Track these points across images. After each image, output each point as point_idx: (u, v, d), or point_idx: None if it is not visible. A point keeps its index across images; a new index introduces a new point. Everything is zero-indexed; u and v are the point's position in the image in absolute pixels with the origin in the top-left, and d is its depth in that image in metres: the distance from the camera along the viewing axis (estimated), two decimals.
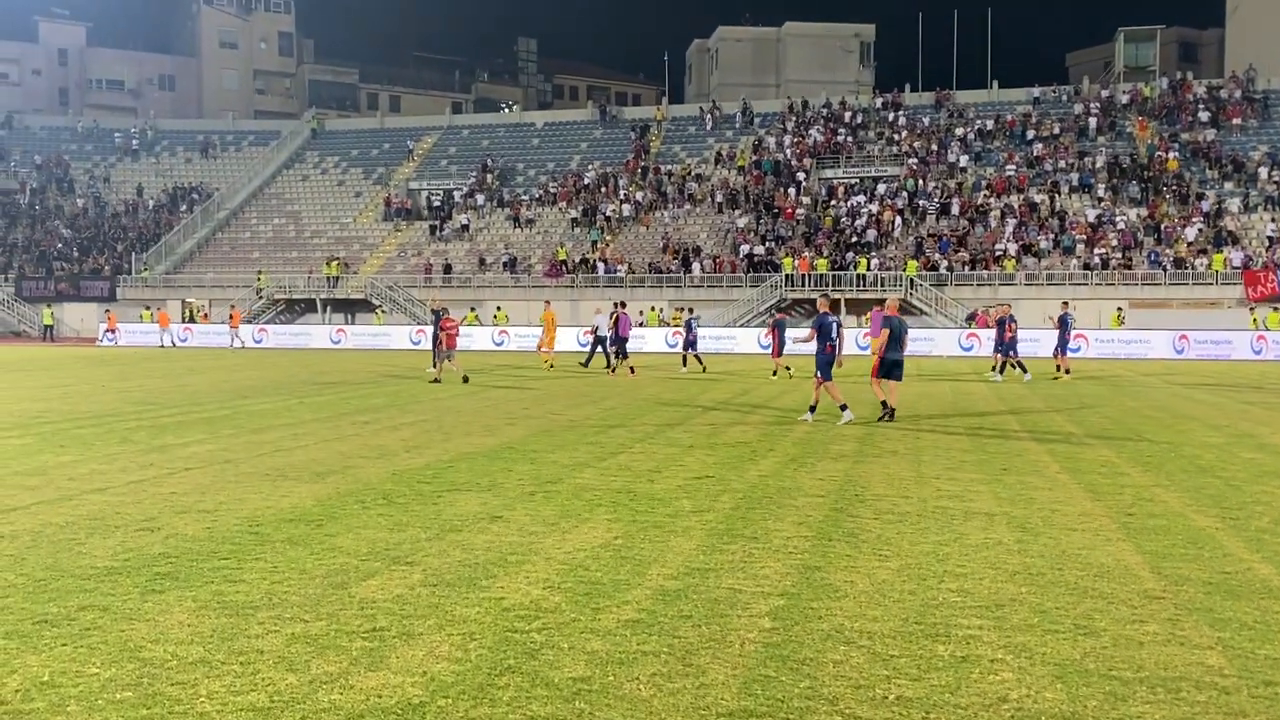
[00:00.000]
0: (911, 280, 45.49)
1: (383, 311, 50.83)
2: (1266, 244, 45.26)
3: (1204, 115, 54.17)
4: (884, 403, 15.81)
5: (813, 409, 15.74)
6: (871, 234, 50.12)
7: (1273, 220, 46.31)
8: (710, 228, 54.02)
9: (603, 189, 58.11)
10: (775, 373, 25.78)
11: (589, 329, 32.92)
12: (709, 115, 63.51)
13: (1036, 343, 39.68)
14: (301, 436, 13.45)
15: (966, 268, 46.96)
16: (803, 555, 6.99)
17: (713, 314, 47.09)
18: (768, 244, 50.77)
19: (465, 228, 57.52)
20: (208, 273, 57.67)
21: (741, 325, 45.44)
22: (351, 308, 52.69)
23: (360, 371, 28.10)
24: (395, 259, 56.47)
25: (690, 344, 28.93)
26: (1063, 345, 26.67)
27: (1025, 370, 25.46)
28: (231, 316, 45.87)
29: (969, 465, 11.16)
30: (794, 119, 60.77)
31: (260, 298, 52.97)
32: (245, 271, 56.45)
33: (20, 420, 15.13)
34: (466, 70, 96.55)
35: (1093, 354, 38.28)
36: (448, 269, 53.60)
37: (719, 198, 55.25)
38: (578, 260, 52.17)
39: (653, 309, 47.68)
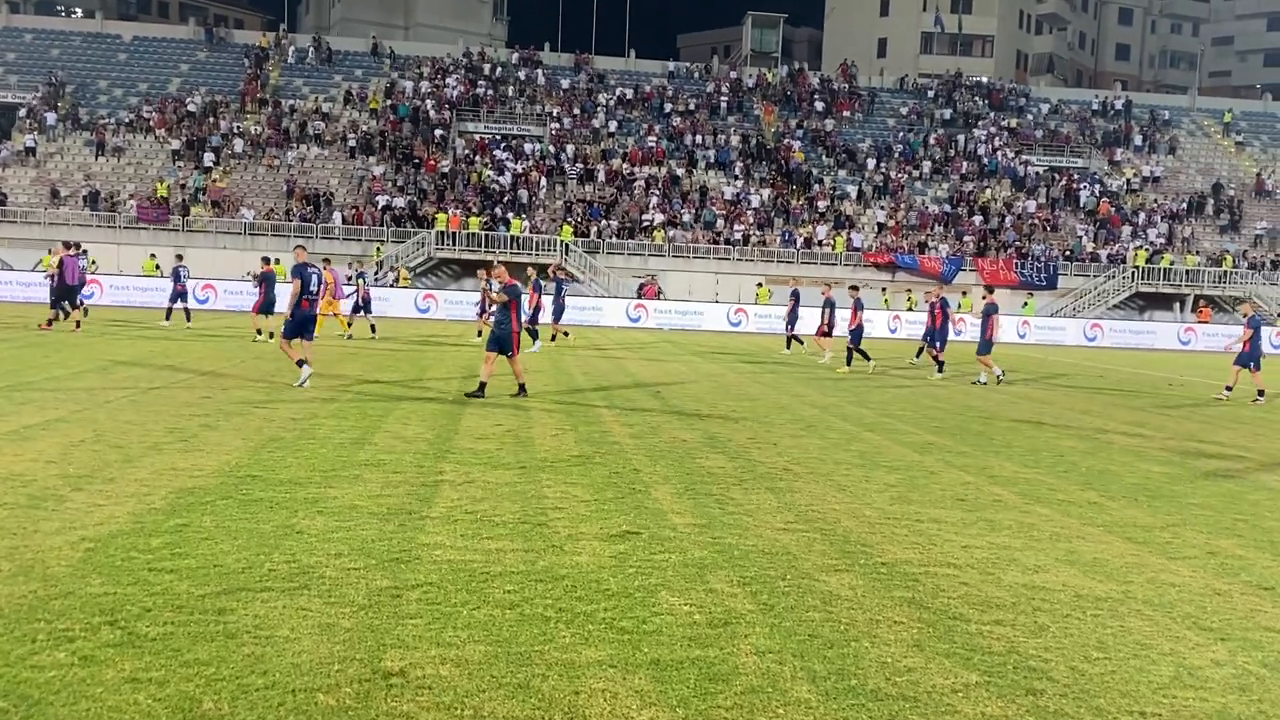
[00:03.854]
0: (567, 246, 43.83)
1: None
2: (877, 229, 49.08)
3: (819, 105, 57.86)
4: (483, 385, 14.41)
5: (301, 364, 14.57)
6: (521, 194, 47.85)
7: (882, 208, 50.34)
8: (341, 174, 48.79)
9: (210, 119, 50.44)
10: (260, 331, 23.14)
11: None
12: (333, 49, 57.52)
13: (698, 315, 39.89)
14: None
15: (614, 236, 46.25)
16: None
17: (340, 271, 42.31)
18: (409, 197, 46.72)
19: (31, 151, 47.30)
20: None
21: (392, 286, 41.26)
22: None
23: None
24: None
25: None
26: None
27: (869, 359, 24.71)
28: None
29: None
30: (430, 64, 56.71)
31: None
32: None
33: None
34: None
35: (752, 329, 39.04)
36: (1, 199, 43.68)
37: (351, 142, 50.07)
38: (184, 199, 44.73)
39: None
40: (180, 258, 29.61)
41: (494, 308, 14.62)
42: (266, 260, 23.00)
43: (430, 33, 66.74)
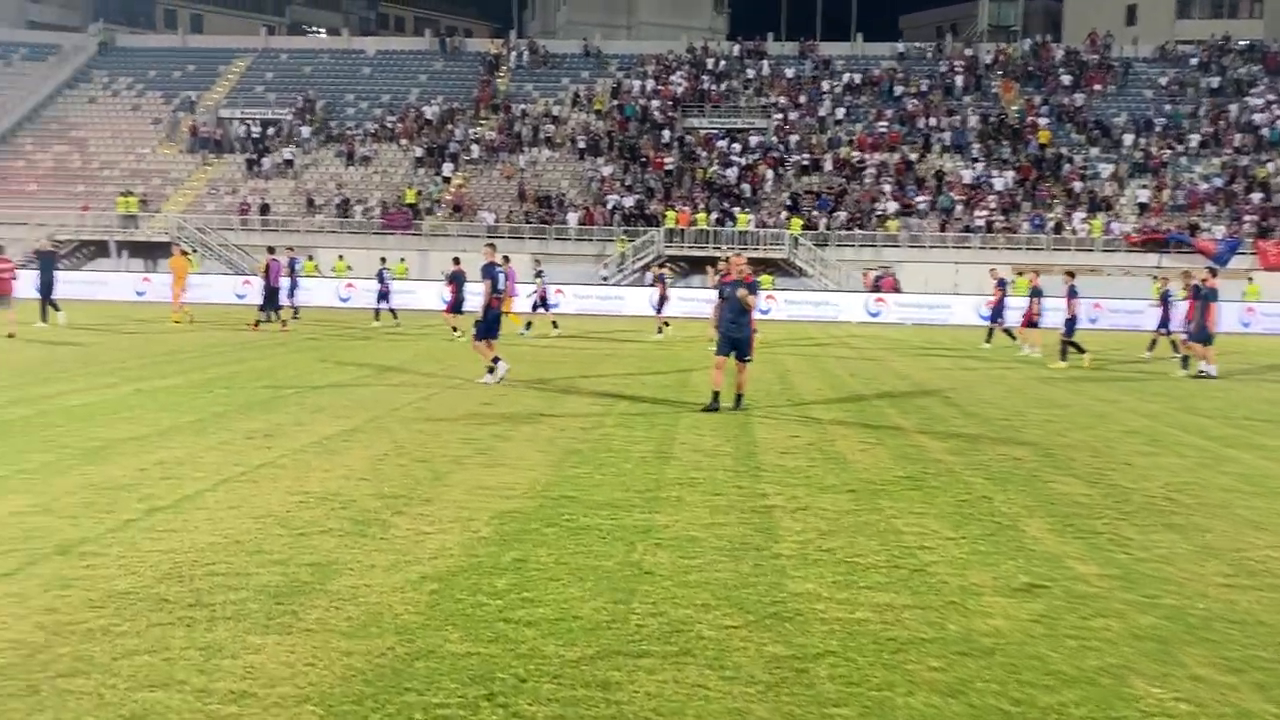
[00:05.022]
0: (796, 239, 42.46)
1: (192, 256, 43.50)
2: (1138, 211, 44.89)
3: (1066, 79, 53.69)
4: (717, 394, 12.62)
5: (490, 370, 14.65)
6: (746, 188, 46.83)
7: (1143, 187, 46.03)
8: (572, 175, 49.32)
9: (448, 126, 52.21)
10: (456, 328, 22.83)
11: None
12: (559, 52, 58.40)
13: (944, 309, 37.69)
14: (195, 464, 8.38)
15: (842, 229, 44.42)
16: None
17: (577, 270, 42.70)
18: (637, 195, 46.62)
19: (289, 163, 50.41)
20: None
21: (625, 285, 41.27)
22: (153, 252, 44.91)
23: (200, 338, 22.21)
24: (205, 197, 48.81)
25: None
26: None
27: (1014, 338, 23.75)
28: None
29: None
30: (655, 63, 56.56)
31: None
32: (20, 206, 47.42)
33: None
34: None
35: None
36: (264, 209, 46.62)
37: (580, 143, 50.53)
38: (426, 206, 46.43)
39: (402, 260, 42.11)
40: (383, 260, 30.64)
41: (724, 307, 12.47)
42: (457, 260, 23.37)
43: (652, 30, 66.77)
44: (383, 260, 30.69)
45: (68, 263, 44.59)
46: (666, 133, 50.75)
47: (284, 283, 26.33)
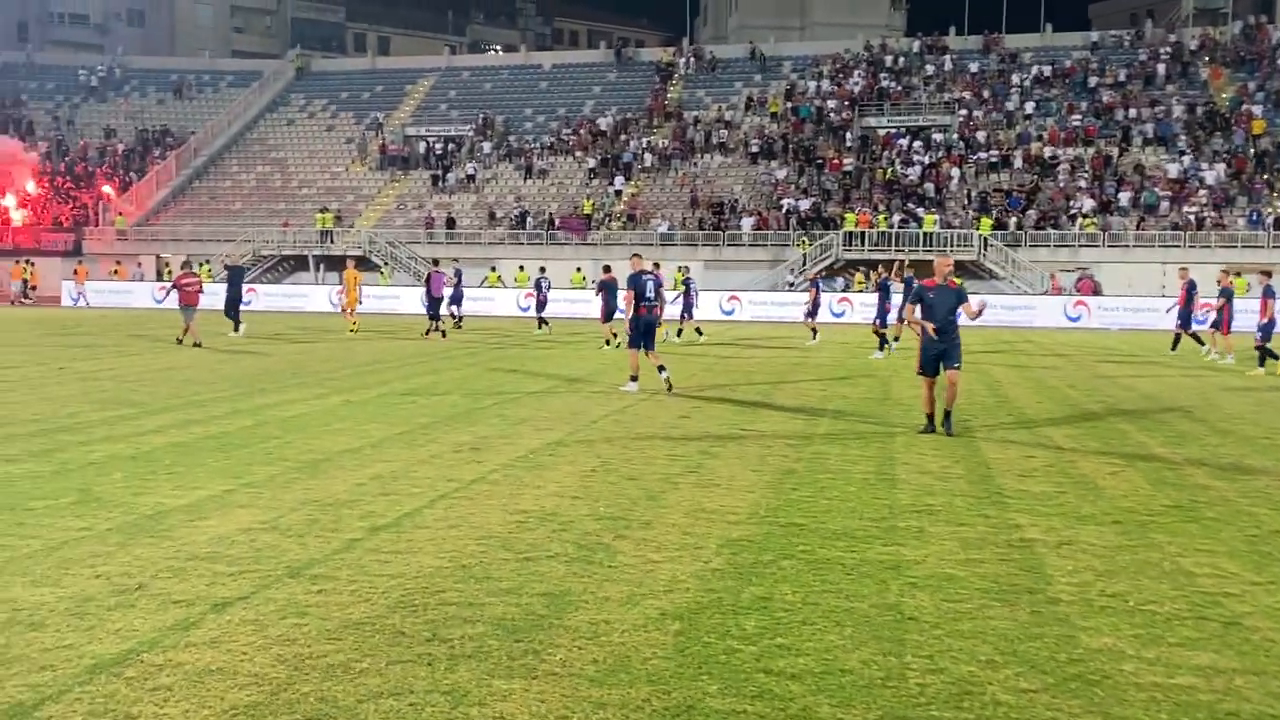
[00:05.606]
0: (985, 239, 40.47)
1: (387, 270, 45.34)
2: None
3: None
4: (931, 416, 11.34)
5: (634, 378, 14.67)
6: (929, 188, 45.05)
7: None
8: (745, 180, 48.73)
9: (621, 136, 52.55)
10: (608, 342, 22.97)
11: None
12: (730, 57, 57.91)
13: (1152, 314, 35.01)
14: (410, 478, 8.29)
15: (1034, 228, 42.03)
16: None
17: (751, 277, 42.07)
18: (813, 198, 45.58)
19: (471, 178, 51.87)
20: (184, 224, 51.78)
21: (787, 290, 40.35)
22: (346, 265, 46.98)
23: (381, 345, 22.83)
24: (394, 212, 50.81)
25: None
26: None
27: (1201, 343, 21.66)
28: (76, 272, 44.27)
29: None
30: (831, 62, 55.30)
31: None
32: (226, 223, 50.66)
33: None
34: (460, 12, 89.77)
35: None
36: (450, 223, 48.03)
37: (753, 147, 49.88)
38: (603, 215, 46.80)
39: (578, 270, 42.38)
40: (543, 270, 30.94)
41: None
42: (607, 269, 23.80)
43: (827, 30, 65.45)
44: (541, 270, 31.07)
45: (270, 276, 47.35)
46: (846, 134, 49.47)
47: (446, 293, 27.28)
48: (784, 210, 44.92)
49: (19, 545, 6.34)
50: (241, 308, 25.50)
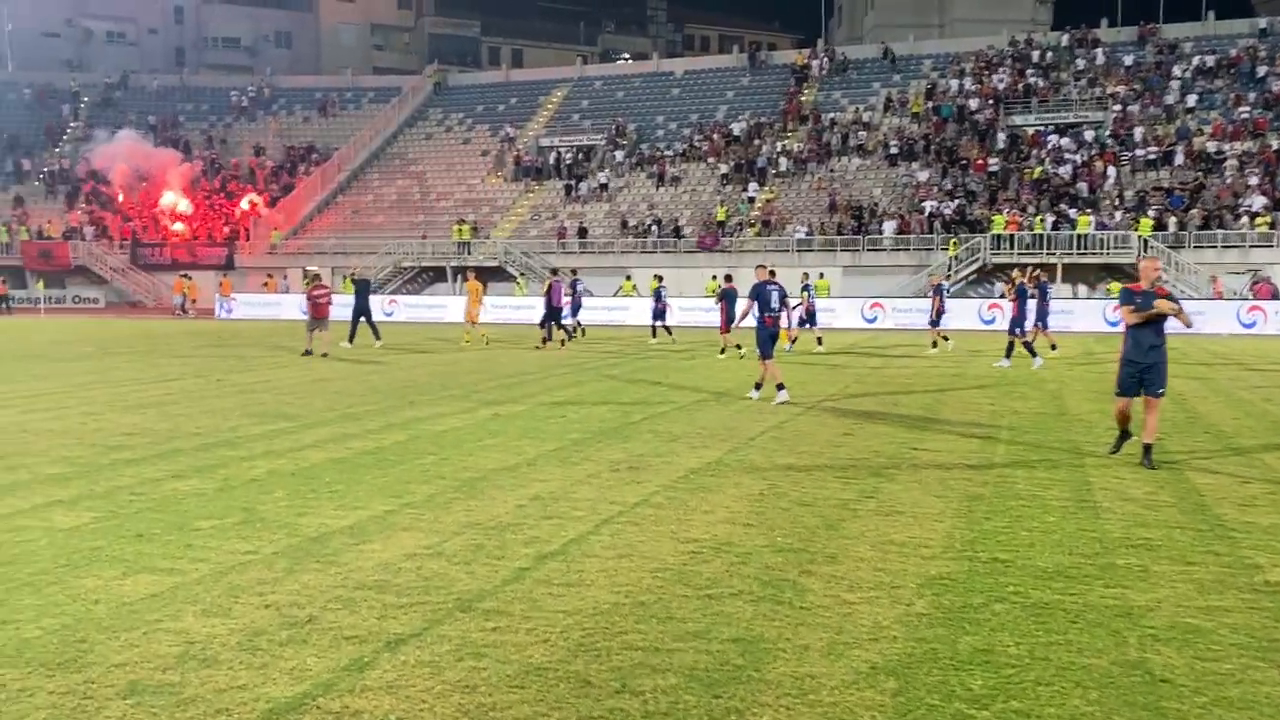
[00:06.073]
0: (1145, 241, 38.16)
1: (523, 280, 45.77)
2: None
3: None
4: (1126, 432, 10.06)
5: (758, 386, 14.83)
6: (1082, 187, 42.83)
7: None
8: (884, 182, 47.36)
9: (755, 141, 51.84)
10: (724, 350, 22.78)
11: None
12: (866, 57, 56.48)
13: None
14: (570, 499, 7.95)
15: (1200, 228, 39.40)
16: None
17: (894, 283, 40.79)
18: (958, 200, 43.91)
19: (604, 187, 52.00)
20: (329, 238, 53.58)
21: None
22: (483, 276, 47.65)
23: (528, 358, 22.80)
24: (529, 222, 51.38)
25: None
26: None
27: None
28: (221, 285, 46.65)
29: None
30: (974, 59, 53.32)
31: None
32: (368, 236, 52.16)
33: (90, 453, 10.06)
34: (592, 22, 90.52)
35: None
36: (582, 232, 48.20)
37: (892, 149, 48.45)
38: (736, 222, 46.21)
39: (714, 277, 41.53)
40: (660, 279, 30.83)
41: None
42: (729, 277, 23.45)
43: (968, 26, 63.33)
44: (659, 278, 30.98)
45: (410, 288, 48.46)
46: (991, 133, 47.57)
47: (566, 302, 27.45)
48: (926, 213, 43.43)
49: (188, 569, 6.22)
50: (364, 319, 25.51)
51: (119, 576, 6.05)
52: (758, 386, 14.88)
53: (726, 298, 22.62)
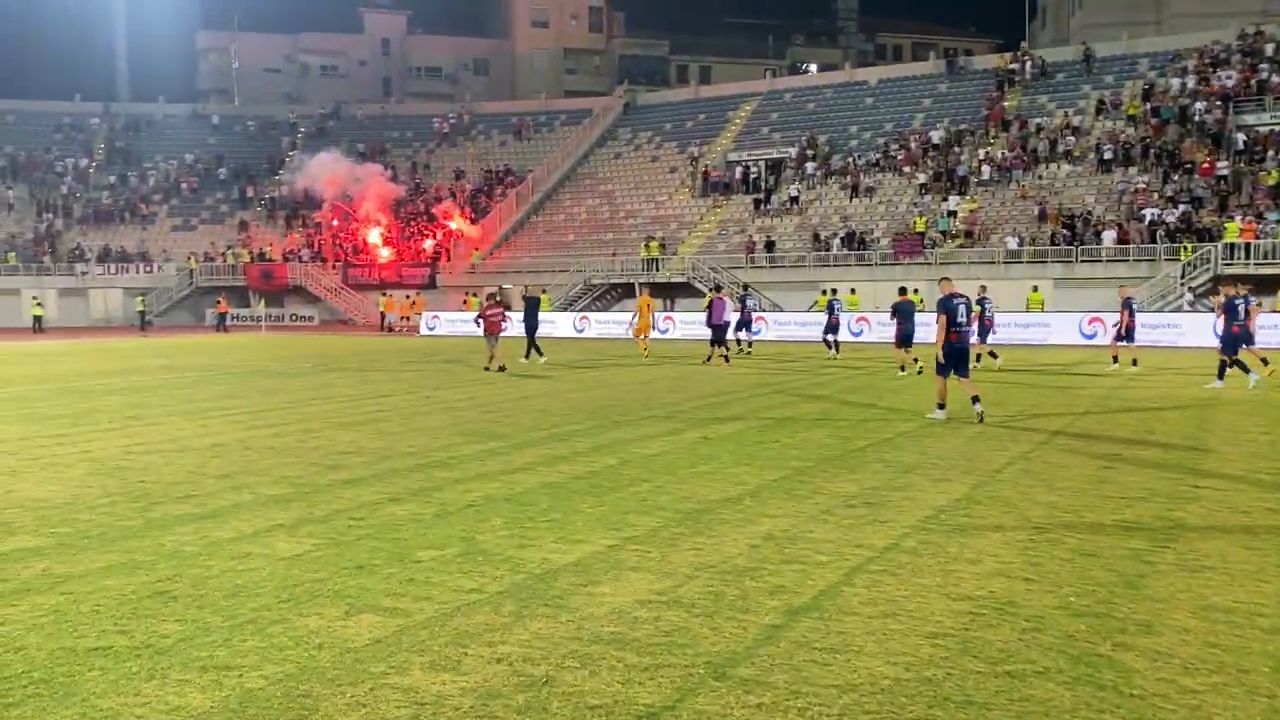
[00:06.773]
0: None
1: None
2: None
3: None
4: None
5: (941, 406, 14.04)
6: None
7: None
8: (1097, 189, 44.19)
9: (955, 149, 49.51)
10: (903, 368, 21.47)
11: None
12: (1081, 60, 53.06)
13: None
14: (808, 540, 7.14)
15: None
16: None
17: (1111, 296, 37.71)
18: (1182, 206, 40.40)
19: (794, 200, 50.88)
20: (523, 257, 54.75)
21: (1173, 310, 35.80)
22: (671, 292, 47.50)
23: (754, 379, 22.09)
24: (716, 238, 50.86)
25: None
26: None
27: None
28: (414, 303, 48.55)
29: None
30: (1197, 56, 49.18)
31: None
32: (560, 255, 52.97)
33: (309, 472, 9.94)
34: (780, 36, 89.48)
35: None
36: (769, 246, 47.15)
37: (1106, 154, 45.17)
38: (935, 232, 44.15)
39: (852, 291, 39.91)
40: (834, 292, 29.84)
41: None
42: (903, 290, 22.28)
43: (1187, 22, 58.58)
44: (833, 292, 30.07)
45: (600, 305, 48.79)
46: (1221, 135, 43.66)
47: (731, 319, 26.88)
48: (1146, 221, 40.17)
49: (412, 610, 5.76)
50: (536, 336, 25.88)
51: (341, 616, 5.65)
52: (940, 406, 14.14)
53: (900, 312, 21.34)
